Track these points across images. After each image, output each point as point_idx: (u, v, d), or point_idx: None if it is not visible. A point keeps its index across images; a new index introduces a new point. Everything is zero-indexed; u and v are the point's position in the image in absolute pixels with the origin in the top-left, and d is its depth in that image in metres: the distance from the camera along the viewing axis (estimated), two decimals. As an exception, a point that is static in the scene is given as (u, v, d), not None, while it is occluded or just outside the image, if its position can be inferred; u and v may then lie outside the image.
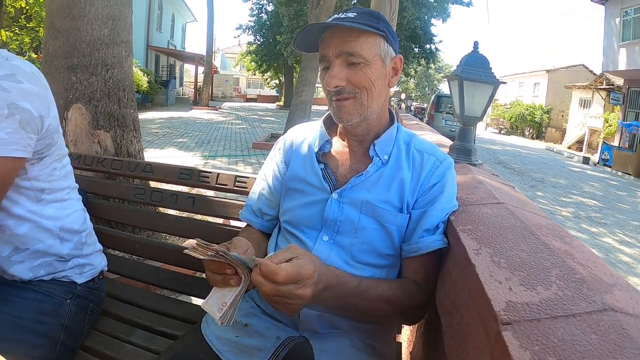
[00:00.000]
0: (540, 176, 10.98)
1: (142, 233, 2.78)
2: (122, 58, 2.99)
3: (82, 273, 1.24)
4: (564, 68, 26.55)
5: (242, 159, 8.37)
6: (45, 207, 1.13)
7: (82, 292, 1.23)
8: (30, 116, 0.97)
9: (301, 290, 0.73)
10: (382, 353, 1.00)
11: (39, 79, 1.04)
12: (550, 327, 0.50)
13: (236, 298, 0.75)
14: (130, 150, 3.06)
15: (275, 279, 0.70)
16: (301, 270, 0.73)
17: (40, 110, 1.00)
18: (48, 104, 1.04)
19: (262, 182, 1.15)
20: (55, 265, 1.17)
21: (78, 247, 1.22)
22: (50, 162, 1.12)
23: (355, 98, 0.94)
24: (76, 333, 1.19)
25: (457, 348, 0.72)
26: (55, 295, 1.15)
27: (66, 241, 1.18)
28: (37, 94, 1.00)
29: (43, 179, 1.11)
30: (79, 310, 1.20)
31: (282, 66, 28.04)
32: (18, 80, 0.96)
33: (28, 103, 0.97)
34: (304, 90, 10.06)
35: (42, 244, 1.13)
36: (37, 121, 0.99)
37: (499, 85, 1.86)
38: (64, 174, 1.18)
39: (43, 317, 1.10)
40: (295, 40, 0.98)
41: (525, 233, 0.83)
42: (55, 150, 1.13)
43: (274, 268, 0.71)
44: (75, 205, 1.23)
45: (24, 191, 1.08)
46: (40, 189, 1.11)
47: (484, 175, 1.54)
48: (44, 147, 1.07)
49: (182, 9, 28.96)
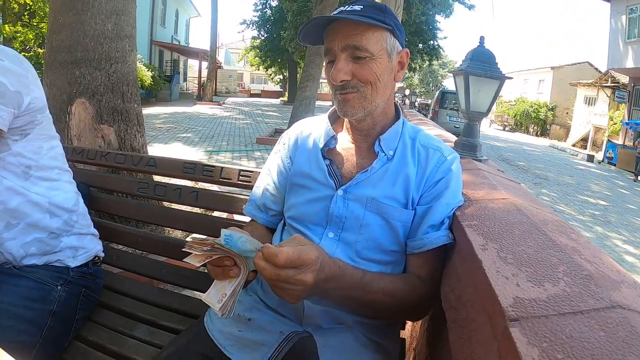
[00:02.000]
0: (544, 174, 10.94)
1: (146, 227, 2.78)
2: (126, 52, 2.98)
3: (76, 256, 1.26)
4: (569, 65, 26.41)
5: (245, 154, 8.37)
6: (34, 185, 1.17)
7: (75, 277, 1.25)
8: (5, 89, 1.02)
9: (302, 276, 0.72)
10: (385, 349, 0.99)
11: (21, 62, 1.09)
12: (558, 324, 0.50)
13: (236, 289, 0.75)
14: (133, 145, 3.06)
15: (276, 261, 0.70)
16: (303, 255, 0.72)
17: (18, 87, 1.05)
18: (28, 84, 1.09)
19: (267, 177, 1.15)
20: (47, 242, 1.20)
21: (69, 223, 1.25)
22: (35, 139, 1.16)
23: (360, 92, 0.93)
24: (67, 319, 1.21)
25: (463, 344, 0.71)
26: (46, 281, 1.17)
27: (56, 216, 1.22)
28: (15, 72, 1.05)
29: (28, 156, 1.15)
30: (70, 296, 1.22)
31: (286, 61, 27.96)
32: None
33: (4, 78, 1.02)
34: (308, 85, 10.03)
35: (31, 218, 1.16)
36: (13, 96, 1.04)
37: (505, 81, 1.84)
38: (52, 155, 1.22)
39: (31, 303, 1.12)
40: (300, 33, 0.97)
41: (532, 229, 0.82)
42: (40, 130, 1.17)
43: (275, 250, 0.70)
44: (66, 186, 1.27)
45: (10, 167, 1.13)
46: (27, 165, 1.15)
47: (489, 170, 1.53)
48: (25, 123, 1.12)
49: (185, 4, 28.95)
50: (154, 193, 1.61)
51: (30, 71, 1.12)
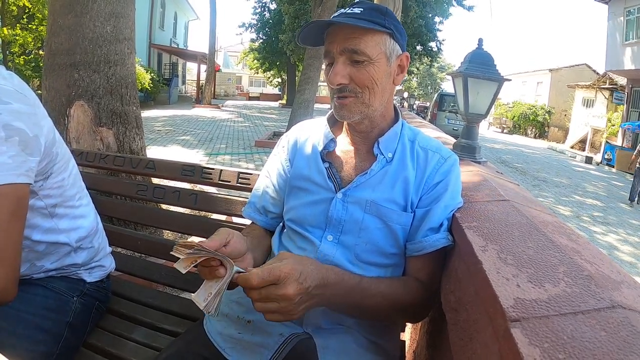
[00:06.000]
0: (543, 175, 10.96)
1: (145, 230, 2.77)
2: (125, 55, 2.98)
3: (92, 273, 1.24)
4: (566, 67, 26.46)
5: (244, 157, 8.37)
6: (60, 221, 1.12)
7: (90, 290, 1.23)
8: (27, 137, 0.91)
9: (282, 290, 0.74)
10: (385, 350, 0.99)
11: (24, 95, 0.95)
12: (560, 324, 0.50)
13: (221, 287, 0.76)
14: (132, 148, 3.05)
15: (251, 284, 0.72)
16: (274, 270, 0.74)
17: (34, 130, 0.94)
18: (39, 120, 0.97)
19: (266, 180, 1.14)
20: (69, 269, 1.19)
21: (92, 255, 1.23)
22: (57, 174, 1.08)
23: (357, 97, 0.93)
24: (80, 331, 1.19)
25: (464, 346, 0.71)
26: (63, 292, 1.15)
27: (82, 250, 1.19)
28: (27, 113, 0.93)
29: (54, 194, 1.09)
30: (85, 308, 1.20)
31: (285, 64, 27.98)
32: (5, 102, 0.89)
33: (22, 123, 0.90)
34: (307, 88, 10.04)
35: (56, 256, 1.13)
36: (34, 142, 0.94)
37: (503, 83, 1.84)
38: (72, 181, 1.15)
39: (49, 313, 1.09)
40: (299, 36, 0.97)
41: (532, 230, 0.82)
42: (59, 162, 1.08)
43: (245, 276, 0.73)
44: (87, 210, 1.22)
45: (39, 211, 1.06)
46: (53, 204, 1.09)
47: (488, 172, 1.54)
48: (45, 164, 1.02)
49: (184, 7, 28.96)
50: (152, 195, 1.61)
51: (35, 103, 0.98)
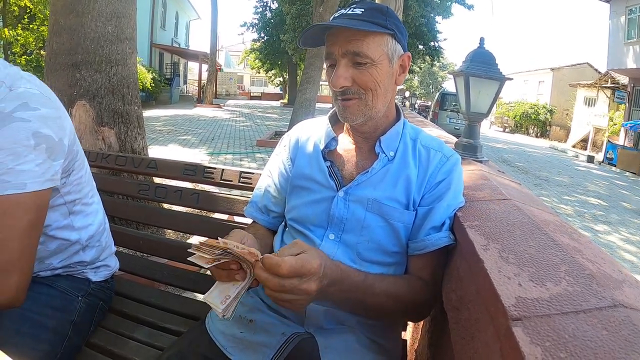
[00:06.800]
0: (544, 175, 10.93)
1: (147, 229, 2.78)
2: (126, 55, 2.99)
3: (97, 273, 1.25)
4: (568, 66, 26.37)
5: (246, 156, 8.37)
6: (75, 218, 1.13)
7: (94, 290, 1.23)
8: (53, 142, 0.94)
9: (306, 285, 0.72)
10: (387, 350, 0.99)
11: (49, 98, 0.98)
12: (561, 323, 0.50)
13: (240, 292, 0.74)
14: (134, 147, 3.06)
15: (279, 271, 0.69)
16: (306, 264, 0.71)
17: (59, 133, 0.96)
18: (62, 122, 1.00)
19: (268, 179, 1.14)
20: (75, 267, 1.19)
21: (99, 253, 1.23)
22: (77, 171, 1.11)
23: (360, 99, 0.92)
24: (83, 330, 1.19)
25: (465, 345, 0.71)
26: (68, 291, 1.15)
27: (90, 248, 1.20)
28: (53, 117, 0.96)
29: (74, 191, 1.11)
30: (89, 307, 1.20)
31: (286, 64, 28.00)
32: (33, 108, 0.92)
33: (49, 129, 0.93)
34: (308, 88, 10.03)
35: (66, 253, 1.14)
36: (59, 146, 0.96)
37: (505, 82, 1.84)
38: (87, 177, 1.18)
39: (53, 312, 1.10)
40: (300, 39, 0.97)
41: (533, 229, 0.82)
42: (79, 159, 1.11)
43: (277, 260, 0.69)
44: (98, 207, 1.24)
45: (58, 209, 1.08)
46: (72, 200, 1.11)
47: (490, 171, 1.53)
48: (68, 163, 1.04)
49: (185, 6, 28.99)
50: (154, 195, 1.61)
51: (58, 105, 1.01)
